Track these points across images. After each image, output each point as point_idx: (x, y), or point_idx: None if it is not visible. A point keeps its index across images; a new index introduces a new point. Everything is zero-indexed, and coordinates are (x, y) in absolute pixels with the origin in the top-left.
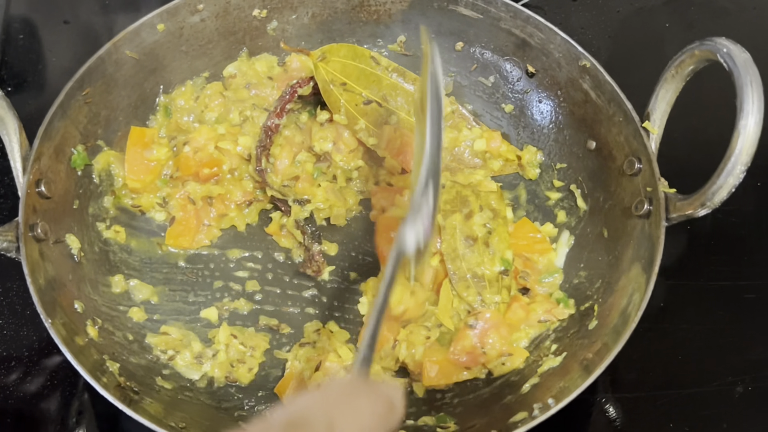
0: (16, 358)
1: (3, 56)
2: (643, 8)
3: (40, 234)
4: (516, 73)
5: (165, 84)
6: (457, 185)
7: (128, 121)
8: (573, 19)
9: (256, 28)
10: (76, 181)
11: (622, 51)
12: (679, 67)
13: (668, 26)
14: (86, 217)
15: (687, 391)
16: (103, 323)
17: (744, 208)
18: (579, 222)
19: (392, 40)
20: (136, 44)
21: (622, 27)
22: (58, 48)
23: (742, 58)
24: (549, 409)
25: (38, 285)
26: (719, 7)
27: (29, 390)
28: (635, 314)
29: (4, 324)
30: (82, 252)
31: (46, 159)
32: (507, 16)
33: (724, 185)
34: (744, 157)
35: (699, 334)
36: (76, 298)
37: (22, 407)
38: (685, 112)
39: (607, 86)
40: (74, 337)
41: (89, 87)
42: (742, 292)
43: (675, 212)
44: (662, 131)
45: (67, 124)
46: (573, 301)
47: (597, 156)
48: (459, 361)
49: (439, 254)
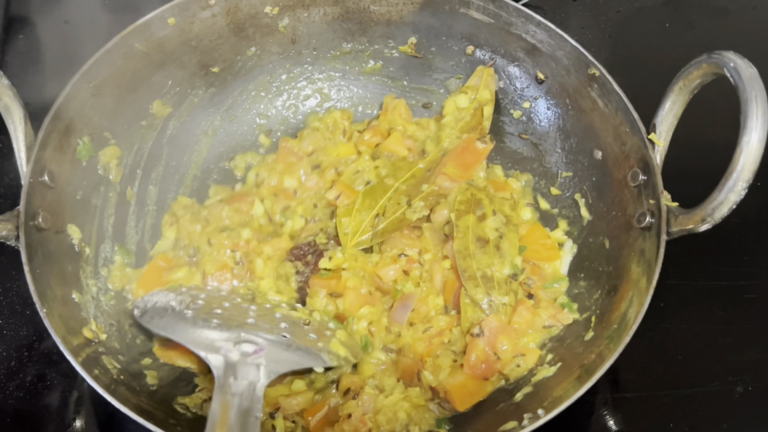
0: (16, 357)
1: (3, 56)
2: (643, 8)
3: (41, 223)
4: (525, 79)
5: (174, 78)
6: (472, 188)
7: (135, 113)
8: (573, 19)
9: (267, 25)
10: (81, 172)
11: (622, 51)
12: (687, 79)
13: (668, 26)
14: (89, 207)
15: (687, 391)
16: (102, 317)
17: (744, 208)
18: (582, 231)
19: (403, 41)
20: (145, 38)
21: (622, 27)
22: (58, 48)
23: (748, 73)
24: (538, 419)
25: (35, 274)
26: (719, 7)
27: (29, 389)
28: (630, 327)
29: (4, 324)
30: (83, 243)
31: (50, 149)
32: (518, 21)
33: (725, 201)
34: (746, 174)
35: (699, 334)
36: (75, 288)
37: (21, 406)
38: (692, 123)
39: (615, 95)
40: (70, 328)
41: (97, 79)
42: (742, 292)
43: (676, 226)
44: (668, 144)
45: (73, 115)
46: (577, 305)
47: (602, 166)
48: (477, 373)
49: (451, 260)
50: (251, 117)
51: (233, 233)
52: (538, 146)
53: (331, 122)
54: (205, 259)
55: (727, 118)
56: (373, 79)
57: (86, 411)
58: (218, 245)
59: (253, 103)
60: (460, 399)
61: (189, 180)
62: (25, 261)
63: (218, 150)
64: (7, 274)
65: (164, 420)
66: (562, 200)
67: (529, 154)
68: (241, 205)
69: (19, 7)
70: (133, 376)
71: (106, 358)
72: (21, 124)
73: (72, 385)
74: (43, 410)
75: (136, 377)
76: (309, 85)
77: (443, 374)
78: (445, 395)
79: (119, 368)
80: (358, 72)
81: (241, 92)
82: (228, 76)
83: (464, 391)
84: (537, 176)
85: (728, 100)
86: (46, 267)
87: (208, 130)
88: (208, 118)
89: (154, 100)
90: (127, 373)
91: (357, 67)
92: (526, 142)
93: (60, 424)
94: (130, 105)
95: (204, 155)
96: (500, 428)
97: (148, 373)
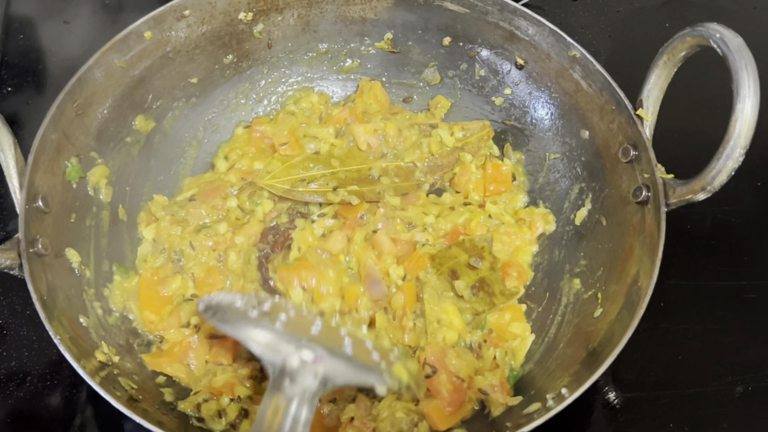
0: (16, 358)
1: (3, 56)
2: (643, 8)
3: (40, 249)
4: (505, 66)
5: (155, 92)
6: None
7: (119, 130)
8: (573, 19)
9: (243, 31)
10: (72, 194)
11: (622, 51)
12: (671, 53)
13: (668, 26)
14: (84, 229)
15: (687, 391)
16: (111, 339)
17: (744, 208)
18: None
19: (379, 37)
20: (123, 53)
21: (622, 27)
22: (58, 48)
23: (735, 43)
24: (563, 399)
25: (44, 302)
26: (719, 7)
27: (29, 390)
28: (643, 300)
29: (4, 324)
30: (82, 266)
31: (41, 173)
32: (494, 9)
33: (724, 169)
34: (742, 141)
35: (699, 334)
36: (81, 312)
37: (21, 406)
38: (681, 99)
39: (599, 75)
40: (84, 352)
41: (80, 98)
42: (742, 292)
43: (675, 197)
44: (656, 117)
45: (59, 137)
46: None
47: (591, 145)
48: (454, 404)
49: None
50: (233, 125)
51: (210, 230)
52: (524, 131)
53: (308, 106)
54: (190, 263)
55: (714, 88)
56: (352, 78)
57: (86, 412)
58: (201, 247)
59: (235, 111)
60: (441, 420)
61: (177, 192)
62: (32, 289)
63: (204, 161)
64: (7, 273)
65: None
66: (551, 184)
67: (515, 140)
68: (215, 201)
69: (19, 7)
70: (151, 394)
71: (122, 379)
72: (11, 150)
73: (72, 386)
74: (43, 410)
75: (154, 395)
76: (288, 89)
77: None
78: (425, 417)
79: (136, 388)
80: (336, 71)
81: (222, 101)
82: (208, 85)
83: (442, 414)
84: (525, 160)
85: (710, 73)
86: (51, 294)
87: (192, 141)
88: (191, 129)
89: (137, 116)
90: (144, 392)
91: (334, 67)
92: (510, 128)
93: (60, 425)
94: (114, 122)
95: (191, 166)
96: (524, 411)
97: (165, 391)
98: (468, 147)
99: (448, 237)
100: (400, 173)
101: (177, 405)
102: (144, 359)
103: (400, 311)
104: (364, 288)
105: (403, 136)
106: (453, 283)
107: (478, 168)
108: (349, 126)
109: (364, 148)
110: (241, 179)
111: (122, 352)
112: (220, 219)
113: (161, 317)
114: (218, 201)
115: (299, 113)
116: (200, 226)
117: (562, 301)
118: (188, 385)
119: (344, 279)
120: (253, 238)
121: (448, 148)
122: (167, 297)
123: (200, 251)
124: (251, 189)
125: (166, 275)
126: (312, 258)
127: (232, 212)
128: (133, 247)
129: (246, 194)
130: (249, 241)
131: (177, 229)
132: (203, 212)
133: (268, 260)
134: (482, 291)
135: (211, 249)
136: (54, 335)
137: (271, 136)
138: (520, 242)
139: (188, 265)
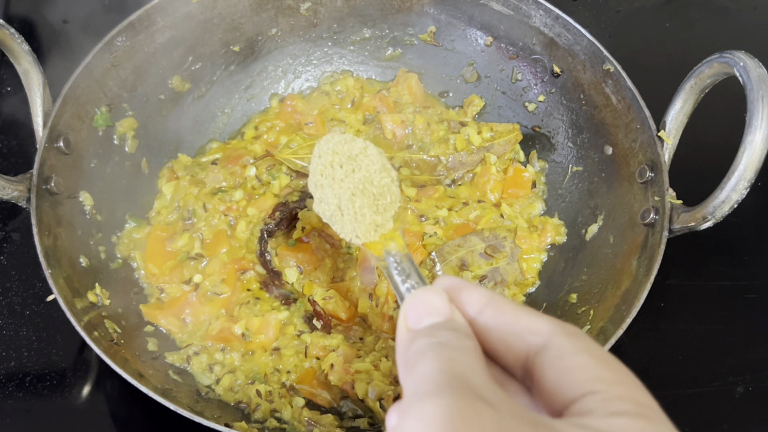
0: (16, 358)
1: (3, 56)
2: (643, 8)
3: (53, 188)
4: (542, 73)
5: (195, 55)
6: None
7: (154, 87)
8: (573, 18)
9: (289, 7)
10: (97, 140)
11: (622, 51)
12: (698, 78)
13: (668, 26)
14: (103, 176)
15: (687, 391)
16: (108, 282)
17: (744, 208)
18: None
19: (423, 29)
20: (168, 13)
21: (622, 27)
22: (58, 48)
23: (756, 73)
24: None
25: (44, 235)
26: (719, 7)
27: (29, 390)
28: (623, 323)
29: (4, 324)
30: (94, 210)
31: (68, 116)
32: (537, 14)
33: (727, 200)
34: (748, 173)
35: (699, 334)
36: (83, 253)
37: (21, 407)
38: (697, 123)
39: (628, 92)
40: (75, 291)
41: (117, 51)
42: (742, 292)
43: (678, 224)
44: (677, 142)
45: (92, 84)
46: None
47: (612, 162)
48: None
49: None
50: (269, 97)
51: (226, 195)
52: (551, 140)
53: (343, 89)
54: (201, 224)
55: (734, 117)
56: (392, 66)
57: (87, 412)
58: (213, 210)
59: (272, 83)
60: None
61: (202, 154)
62: (34, 222)
63: (234, 128)
64: (7, 274)
65: (158, 387)
66: (569, 196)
67: (541, 148)
68: (235, 168)
69: (18, 7)
70: (134, 341)
71: (108, 322)
72: (39, 90)
73: (72, 386)
74: (43, 411)
75: (137, 342)
76: (327, 70)
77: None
78: None
79: (120, 333)
80: (377, 58)
81: (260, 72)
82: (249, 55)
83: None
84: (548, 169)
85: (737, 100)
86: (55, 230)
87: (226, 108)
88: (226, 95)
89: (174, 75)
90: (127, 338)
91: (376, 54)
92: (538, 136)
93: (60, 425)
94: (150, 78)
95: (220, 131)
96: None
97: (150, 340)
98: (494, 148)
99: (457, 231)
100: (422, 166)
101: (163, 356)
102: (141, 309)
103: (383, 299)
104: (357, 273)
105: (431, 129)
106: (461, 274)
107: (500, 171)
108: (378, 114)
109: (390, 137)
110: (265, 150)
111: (115, 296)
112: (237, 185)
113: (163, 271)
114: (238, 168)
115: (333, 94)
116: (216, 189)
117: (557, 313)
118: (179, 340)
119: (340, 265)
120: (264, 213)
121: (474, 147)
122: (172, 252)
123: (212, 214)
124: (271, 161)
125: (175, 232)
126: (313, 242)
127: (249, 181)
128: (150, 198)
129: (264, 166)
130: (260, 215)
131: (194, 189)
132: (221, 176)
133: (270, 235)
134: (492, 282)
135: (222, 213)
136: (46, 269)
137: (300, 112)
138: (528, 247)
139: (198, 225)
